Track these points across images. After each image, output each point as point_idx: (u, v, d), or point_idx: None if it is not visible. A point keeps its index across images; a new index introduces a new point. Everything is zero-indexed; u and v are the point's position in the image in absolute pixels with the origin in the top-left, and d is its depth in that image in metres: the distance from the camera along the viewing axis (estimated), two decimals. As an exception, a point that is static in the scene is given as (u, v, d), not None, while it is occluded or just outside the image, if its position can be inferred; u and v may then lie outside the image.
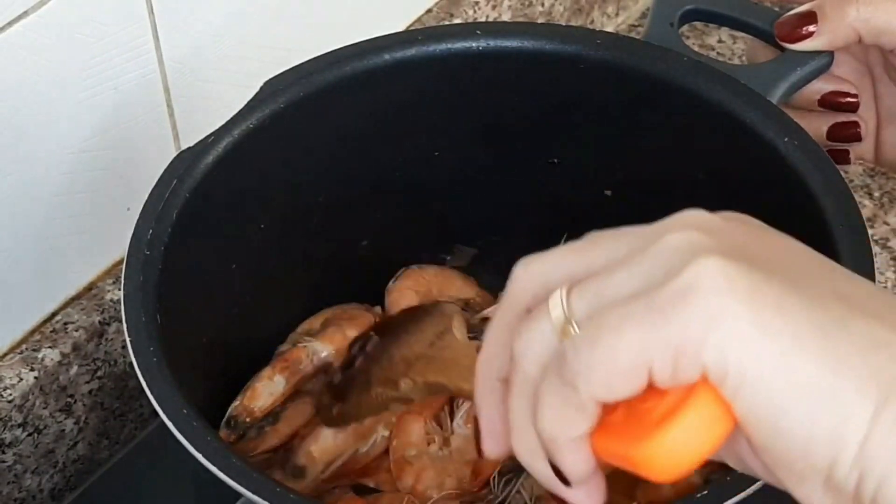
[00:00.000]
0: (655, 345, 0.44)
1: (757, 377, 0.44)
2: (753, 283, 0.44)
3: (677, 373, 0.44)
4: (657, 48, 0.77)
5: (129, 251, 0.69)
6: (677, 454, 0.45)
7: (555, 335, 0.47)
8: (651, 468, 0.45)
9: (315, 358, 0.79)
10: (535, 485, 0.74)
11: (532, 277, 0.49)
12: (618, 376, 0.45)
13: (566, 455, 0.47)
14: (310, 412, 0.78)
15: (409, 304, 0.83)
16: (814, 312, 0.44)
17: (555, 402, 0.46)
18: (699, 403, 0.45)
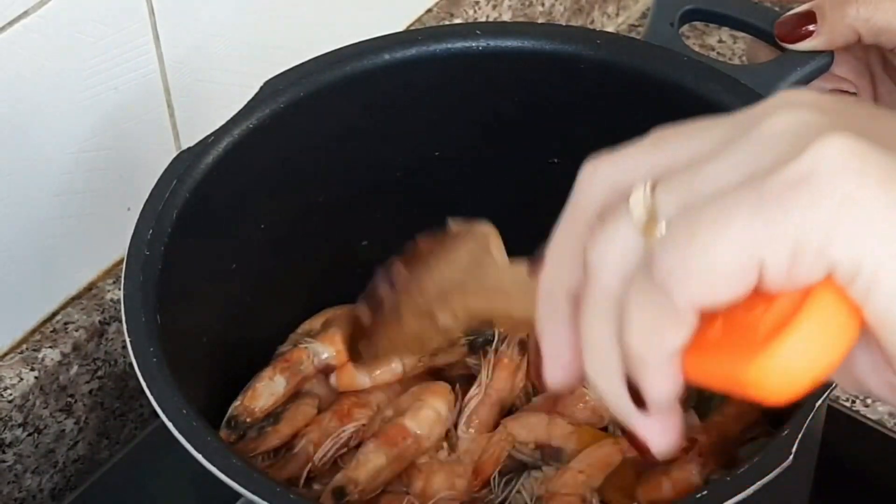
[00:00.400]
0: (770, 238, 0.38)
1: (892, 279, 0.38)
2: (883, 164, 0.38)
3: (796, 272, 0.39)
4: (657, 48, 0.77)
5: (129, 251, 0.69)
6: (795, 370, 0.39)
7: (639, 237, 0.41)
8: (763, 388, 0.39)
9: (316, 359, 0.79)
10: (535, 485, 0.74)
11: (603, 180, 0.43)
12: (721, 276, 0.39)
13: (655, 374, 0.41)
14: (311, 413, 0.78)
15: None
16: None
17: (646, 310, 0.40)
18: (821, 308, 0.39)
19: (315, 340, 0.80)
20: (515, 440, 0.76)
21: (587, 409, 0.76)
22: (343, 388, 0.79)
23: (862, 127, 0.40)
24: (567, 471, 0.73)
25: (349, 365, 0.79)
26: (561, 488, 0.72)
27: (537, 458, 0.76)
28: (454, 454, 0.77)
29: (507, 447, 0.76)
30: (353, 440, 0.77)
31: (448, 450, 0.77)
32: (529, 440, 0.76)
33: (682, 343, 0.41)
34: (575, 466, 0.73)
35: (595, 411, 0.76)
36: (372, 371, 0.79)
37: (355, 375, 0.79)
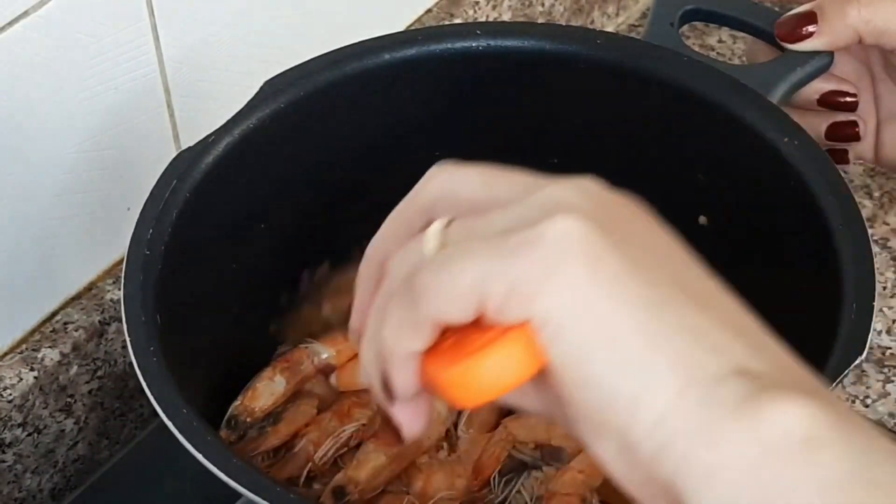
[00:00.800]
0: (494, 279, 0.47)
1: (575, 330, 0.46)
2: (601, 249, 0.47)
3: (506, 310, 0.47)
4: (657, 48, 0.77)
5: (129, 251, 0.69)
6: (476, 384, 0.48)
7: (425, 255, 0.49)
8: (452, 392, 0.48)
9: (316, 359, 0.79)
10: (535, 485, 0.74)
11: (440, 185, 0.53)
12: (454, 298, 0.47)
13: (396, 369, 0.50)
14: (311, 413, 0.78)
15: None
16: (647, 289, 0.47)
17: (398, 315, 0.49)
18: (510, 343, 0.47)
19: (315, 341, 0.80)
20: (515, 440, 0.76)
21: None
22: (343, 387, 0.79)
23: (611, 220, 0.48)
24: (567, 471, 0.73)
25: (349, 364, 0.79)
26: (561, 488, 0.72)
27: (537, 458, 0.76)
28: (454, 454, 0.77)
29: (508, 447, 0.76)
30: (354, 440, 0.77)
31: (448, 449, 0.77)
32: (529, 440, 0.76)
33: (418, 348, 0.49)
34: (575, 466, 0.73)
35: None
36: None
37: (356, 375, 0.79)
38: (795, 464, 0.44)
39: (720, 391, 0.45)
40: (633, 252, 0.48)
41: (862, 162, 0.95)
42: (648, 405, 0.45)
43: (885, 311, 0.92)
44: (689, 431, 0.45)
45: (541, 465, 0.75)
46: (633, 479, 0.47)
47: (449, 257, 0.48)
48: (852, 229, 0.68)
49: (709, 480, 0.45)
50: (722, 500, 0.44)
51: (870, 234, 0.69)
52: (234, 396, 0.78)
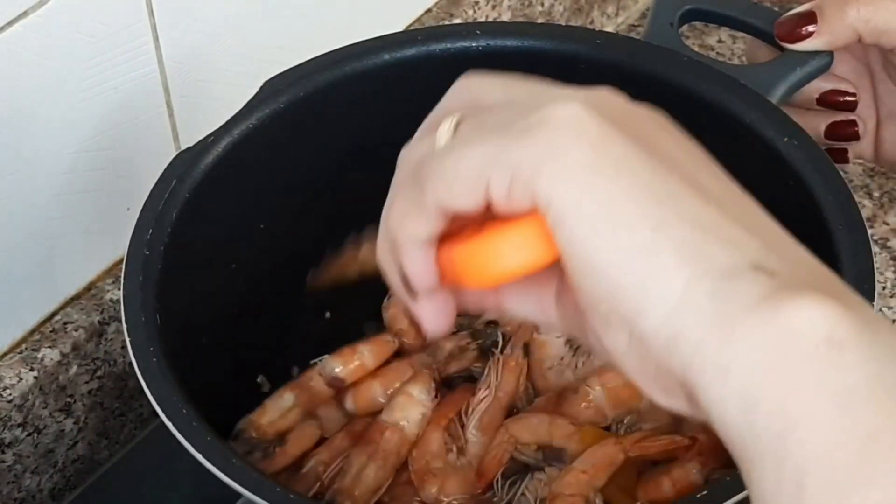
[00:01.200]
0: (496, 162, 0.46)
1: (578, 214, 0.45)
2: (606, 134, 0.46)
3: (511, 195, 0.46)
4: (657, 48, 0.77)
5: (129, 251, 0.69)
6: (487, 262, 0.48)
7: (433, 149, 0.49)
8: (464, 271, 0.49)
9: (324, 373, 0.79)
10: (539, 487, 0.74)
11: (463, 93, 0.52)
12: (458, 183, 0.47)
13: (407, 257, 0.49)
14: (316, 434, 0.78)
15: (408, 321, 0.83)
16: (654, 177, 0.45)
17: (404, 201, 0.49)
18: (521, 226, 0.47)
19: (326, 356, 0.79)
20: (518, 442, 0.76)
21: (590, 409, 0.76)
22: (362, 410, 0.79)
23: (620, 114, 0.47)
24: (570, 471, 0.73)
25: (363, 387, 0.79)
26: (564, 489, 0.72)
27: (540, 459, 0.76)
28: (464, 457, 0.77)
29: (510, 449, 0.76)
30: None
31: (457, 453, 0.77)
32: (531, 441, 0.76)
33: (425, 234, 0.49)
34: (578, 467, 0.73)
35: (598, 410, 0.76)
36: (387, 388, 0.79)
37: (371, 396, 0.79)
38: (815, 365, 0.42)
39: (735, 285, 0.43)
40: (642, 142, 0.46)
41: (862, 161, 0.96)
42: (657, 294, 0.44)
43: (885, 311, 0.92)
44: (702, 323, 0.43)
45: (543, 467, 0.75)
46: (646, 374, 0.46)
47: (454, 145, 0.48)
48: (852, 229, 0.68)
49: (722, 375, 0.43)
50: (735, 397, 0.42)
51: (870, 234, 0.69)
52: (233, 396, 0.78)
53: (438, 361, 0.79)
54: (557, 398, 0.77)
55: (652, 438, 0.74)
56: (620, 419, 0.76)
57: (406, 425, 0.76)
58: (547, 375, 0.79)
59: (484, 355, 0.80)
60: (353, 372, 0.79)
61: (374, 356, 0.79)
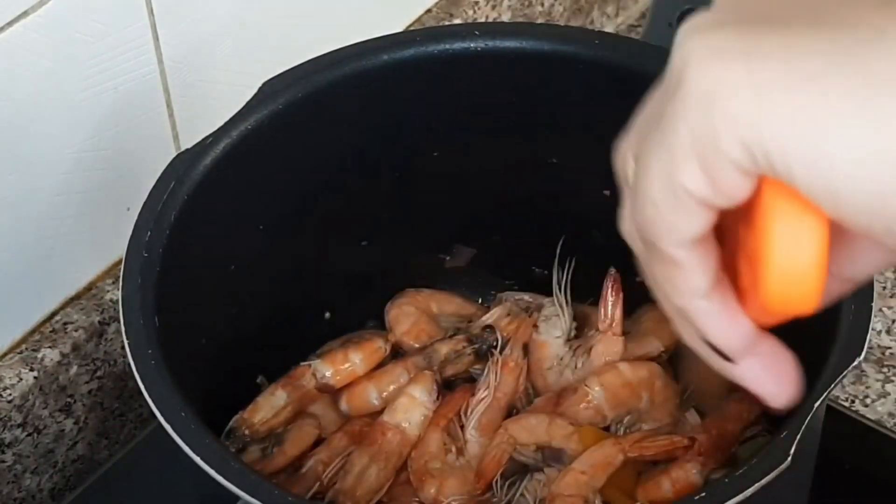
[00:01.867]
0: (672, 162, 0.39)
1: (788, 146, 0.37)
2: (747, 40, 0.38)
3: (716, 180, 0.39)
4: (657, 48, 0.77)
5: (128, 253, 0.69)
6: (795, 277, 0.40)
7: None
8: (787, 306, 0.41)
9: (317, 375, 0.79)
10: (538, 487, 0.74)
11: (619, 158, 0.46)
12: (666, 214, 0.40)
13: (703, 320, 0.43)
14: (314, 434, 0.78)
15: (410, 319, 0.83)
16: (825, 48, 0.37)
17: (659, 268, 0.43)
18: (773, 209, 0.39)
19: (318, 358, 0.80)
20: (517, 442, 0.76)
21: (590, 409, 0.76)
22: (355, 412, 0.79)
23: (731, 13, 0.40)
24: (569, 472, 0.73)
25: (358, 388, 0.79)
26: (563, 490, 0.72)
27: (539, 459, 0.76)
28: (463, 458, 0.77)
29: (509, 450, 0.76)
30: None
31: (456, 453, 0.77)
32: (530, 442, 0.76)
33: (701, 283, 0.42)
34: (577, 468, 0.73)
35: (598, 410, 0.76)
36: (381, 391, 0.79)
37: (366, 398, 0.79)
38: None
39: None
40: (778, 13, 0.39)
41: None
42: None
43: (885, 311, 0.92)
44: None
45: (542, 467, 0.75)
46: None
47: (635, 183, 0.42)
48: (851, 230, 0.68)
49: None
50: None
51: (869, 234, 0.69)
52: (233, 397, 0.78)
53: (433, 365, 0.79)
54: (557, 398, 0.77)
55: (651, 439, 0.74)
56: (620, 419, 0.76)
57: (408, 426, 0.76)
58: (546, 376, 0.79)
59: (480, 359, 0.80)
60: (344, 378, 0.79)
61: (364, 364, 0.80)
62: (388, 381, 0.79)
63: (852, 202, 0.37)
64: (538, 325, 0.81)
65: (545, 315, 0.81)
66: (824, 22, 0.38)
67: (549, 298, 0.82)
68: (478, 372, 0.80)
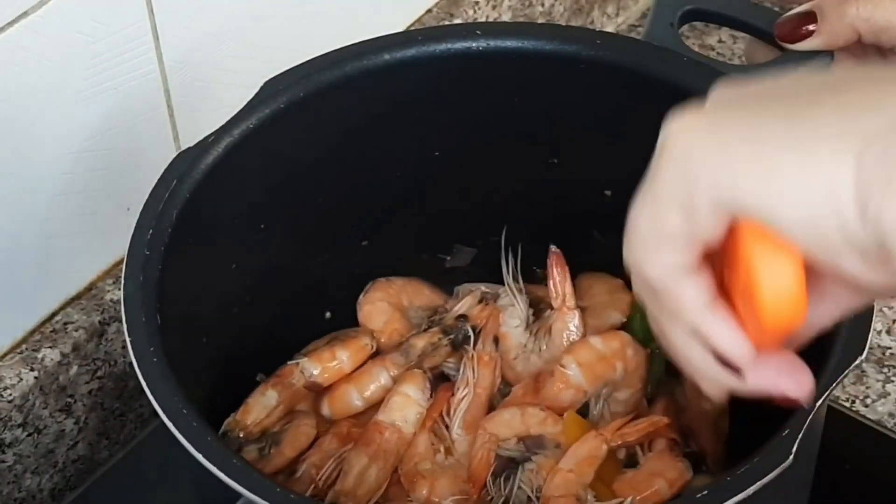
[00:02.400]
0: (657, 208, 0.47)
1: (742, 190, 0.45)
2: (713, 116, 0.47)
3: (699, 226, 0.46)
4: (657, 48, 0.77)
5: (129, 251, 0.69)
6: (784, 295, 0.46)
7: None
8: (784, 325, 0.47)
9: (306, 374, 0.79)
10: (532, 477, 0.74)
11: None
12: (652, 249, 0.48)
13: (712, 328, 0.49)
14: (312, 434, 0.78)
15: (383, 317, 0.83)
16: (783, 108, 0.45)
17: (654, 303, 0.50)
18: (749, 244, 0.46)
19: (306, 357, 0.80)
20: (498, 439, 0.76)
21: (570, 389, 0.77)
22: (337, 415, 0.79)
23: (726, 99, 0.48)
24: (557, 472, 0.73)
25: (338, 392, 0.79)
26: (554, 491, 0.72)
27: (523, 450, 0.76)
28: (452, 457, 0.77)
29: (493, 448, 0.76)
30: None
31: (445, 453, 0.77)
32: (510, 436, 0.76)
33: (701, 295, 0.48)
34: (564, 467, 0.73)
35: (578, 388, 0.77)
36: (362, 391, 0.79)
37: (347, 400, 0.79)
38: None
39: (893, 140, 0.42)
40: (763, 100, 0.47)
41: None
42: (842, 196, 0.43)
43: (885, 311, 0.92)
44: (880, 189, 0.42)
45: (529, 457, 0.75)
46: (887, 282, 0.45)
47: (626, 231, 0.49)
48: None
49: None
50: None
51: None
52: (234, 396, 0.78)
53: (411, 360, 0.80)
54: (535, 385, 0.78)
55: (630, 424, 0.74)
56: (598, 392, 0.77)
57: (403, 425, 0.76)
58: (514, 366, 0.80)
59: (455, 350, 0.80)
60: (332, 376, 0.79)
61: (351, 361, 0.80)
62: (368, 381, 0.80)
63: (796, 228, 0.44)
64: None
65: (501, 305, 0.82)
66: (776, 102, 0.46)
67: (503, 287, 0.83)
68: (450, 367, 0.80)
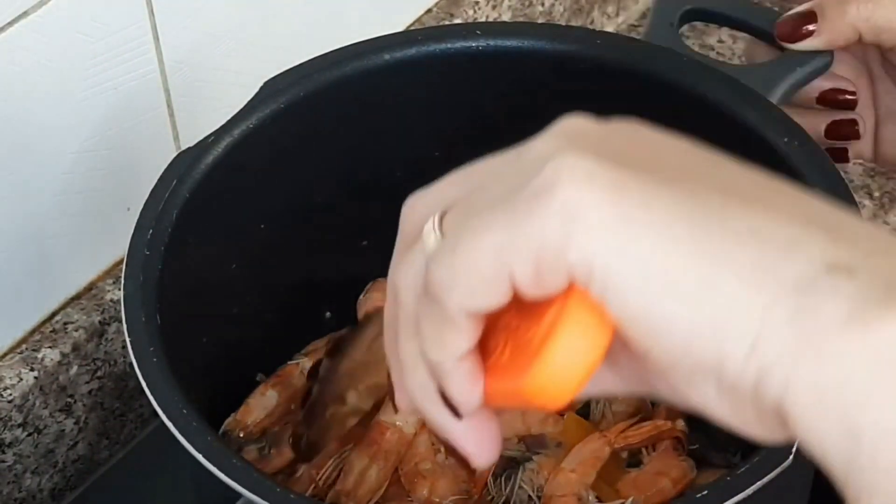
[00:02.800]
0: (514, 246, 0.41)
1: (624, 273, 0.40)
2: (617, 176, 0.41)
3: (542, 278, 0.41)
4: (657, 48, 0.77)
5: (129, 251, 0.69)
6: (563, 376, 0.42)
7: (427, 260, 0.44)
8: (541, 398, 0.42)
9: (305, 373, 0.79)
10: (533, 476, 0.74)
11: (417, 212, 0.47)
12: (479, 282, 0.42)
13: (451, 377, 0.44)
14: None
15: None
16: (688, 204, 0.41)
17: (430, 321, 0.44)
18: (572, 315, 0.41)
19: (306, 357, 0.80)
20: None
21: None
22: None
23: (614, 147, 0.43)
24: (559, 472, 0.73)
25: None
26: (556, 490, 0.72)
27: (523, 450, 0.76)
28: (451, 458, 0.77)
29: None
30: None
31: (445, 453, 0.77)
32: (511, 435, 0.76)
33: (466, 347, 0.44)
34: (566, 467, 0.73)
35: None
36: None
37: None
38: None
39: (815, 300, 0.38)
40: (657, 170, 0.42)
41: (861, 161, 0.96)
42: (735, 335, 0.39)
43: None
44: (790, 352, 0.39)
45: (530, 457, 0.75)
46: (744, 419, 0.41)
47: (455, 241, 0.43)
48: (852, 229, 0.68)
49: (819, 404, 0.38)
50: (836, 427, 0.38)
51: (870, 233, 0.69)
52: (234, 396, 0.78)
53: None
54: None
55: (634, 428, 0.74)
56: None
57: (404, 425, 0.76)
58: None
59: None
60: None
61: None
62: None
63: (665, 343, 0.41)
64: None
65: None
66: (668, 178, 0.42)
67: None
68: None
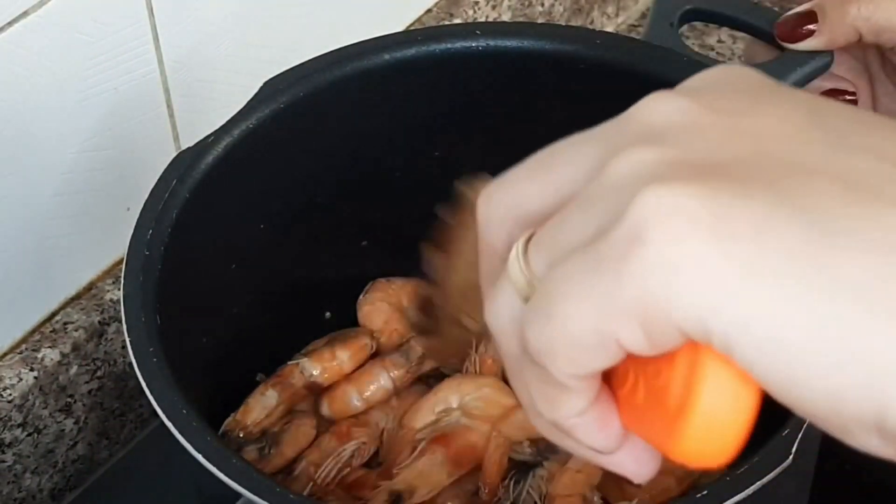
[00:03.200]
0: (614, 316, 0.37)
1: (748, 326, 0.35)
2: (719, 209, 0.36)
3: (654, 339, 0.37)
4: (657, 48, 0.77)
5: (129, 251, 0.69)
6: (716, 439, 0.37)
7: (520, 300, 0.40)
8: (698, 462, 0.38)
9: (305, 374, 0.79)
10: (542, 483, 0.74)
11: (497, 218, 0.42)
12: (583, 352, 0.38)
13: (580, 433, 0.41)
14: (311, 434, 0.78)
15: (382, 317, 0.83)
16: (801, 220, 0.35)
17: (538, 383, 0.40)
18: (709, 373, 0.37)
19: (306, 357, 0.80)
20: (511, 442, 0.76)
21: None
22: (337, 416, 0.79)
23: (710, 149, 0.38)
24: (565, 472, 0.73)
25: (339, 392, 0.79)
26: (562, 490, 0.72)
27: (535, 454, 0.76)
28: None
29: (506, 451, 0.76)
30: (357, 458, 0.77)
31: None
32: (522, 438, 0.76)
33: (583, 406, 0.40)
34: (573, 467, 0.73)
35: None
36: (362, 392, 0.79)
37: (347, 400, 0.79)
38: None
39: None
40: (753, 177, 0.36)
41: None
42: (892, 391, 0.34)
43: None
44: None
45: (541, 461, 0.75)
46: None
47: (547, 306, 0.38)
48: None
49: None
50: None
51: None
52: (234, 396, 0.78)
53: (412, 362, 0.80)
54: None
55: None
56: None
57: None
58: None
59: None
60: (332, 376, 0.79)
61: (352, 361, 0.80)
62: (368, 381, 0.80)
63: (809, 398, 0.36)
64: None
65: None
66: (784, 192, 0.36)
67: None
68: (452, 369, 0.81)
